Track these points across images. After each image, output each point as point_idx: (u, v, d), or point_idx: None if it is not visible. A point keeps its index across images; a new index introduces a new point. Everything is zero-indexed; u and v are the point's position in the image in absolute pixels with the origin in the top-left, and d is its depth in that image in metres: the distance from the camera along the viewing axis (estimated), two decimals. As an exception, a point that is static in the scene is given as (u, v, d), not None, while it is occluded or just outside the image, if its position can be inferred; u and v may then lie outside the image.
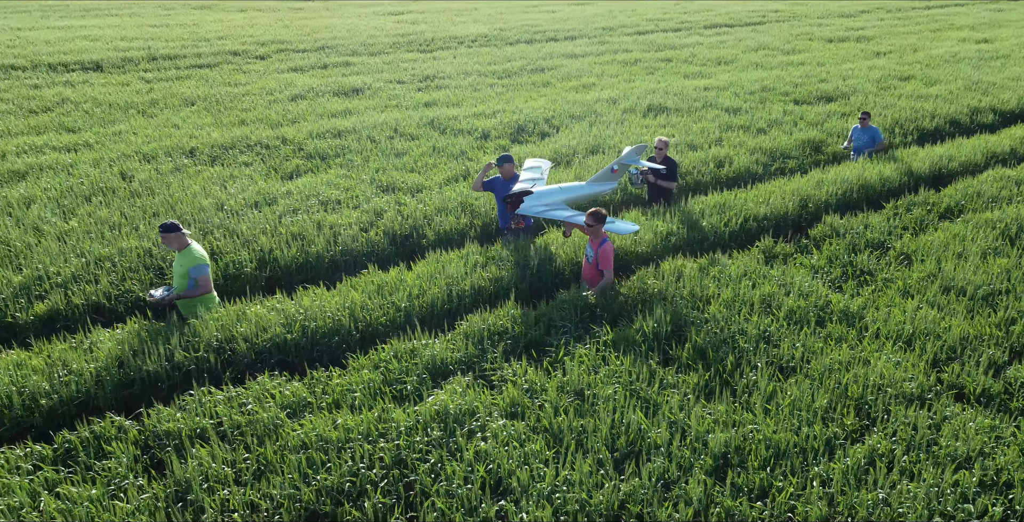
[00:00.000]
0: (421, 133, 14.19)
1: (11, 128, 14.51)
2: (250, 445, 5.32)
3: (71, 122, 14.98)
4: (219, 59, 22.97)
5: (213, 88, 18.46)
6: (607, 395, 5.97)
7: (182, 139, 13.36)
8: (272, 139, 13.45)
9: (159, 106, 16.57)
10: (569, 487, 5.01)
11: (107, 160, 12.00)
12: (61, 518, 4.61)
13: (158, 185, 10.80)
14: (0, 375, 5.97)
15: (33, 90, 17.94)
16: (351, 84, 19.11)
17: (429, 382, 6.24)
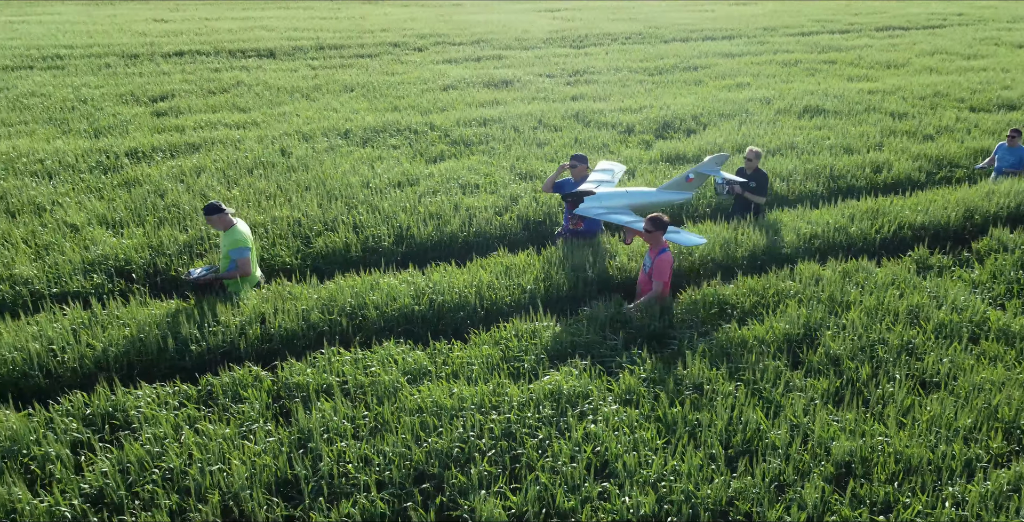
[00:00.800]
0: (565, 125, 14.24)
1: (192, 106, 15.82)
2: (369, 404, 5.54)
3: (243, 102, 16.15)
4: (380, 50, 24.02)
5: (371, 76, 19.33)
6: (727, 391, 5.78)
7: (339, 121, 14.09)
8: (421, 125, 13.91)
9: (321, 91, 17.54)
10: (676, 477, 4.89)
11: (270, 137, 12.84)
12: (197, 450, 4.99)
13: (312, 162, 11.44)
14: (160, 321, 6.53)
15: (213, 73, 19.46)
16: (501, 76, 19.45)
17: (547, 363, 6.28)
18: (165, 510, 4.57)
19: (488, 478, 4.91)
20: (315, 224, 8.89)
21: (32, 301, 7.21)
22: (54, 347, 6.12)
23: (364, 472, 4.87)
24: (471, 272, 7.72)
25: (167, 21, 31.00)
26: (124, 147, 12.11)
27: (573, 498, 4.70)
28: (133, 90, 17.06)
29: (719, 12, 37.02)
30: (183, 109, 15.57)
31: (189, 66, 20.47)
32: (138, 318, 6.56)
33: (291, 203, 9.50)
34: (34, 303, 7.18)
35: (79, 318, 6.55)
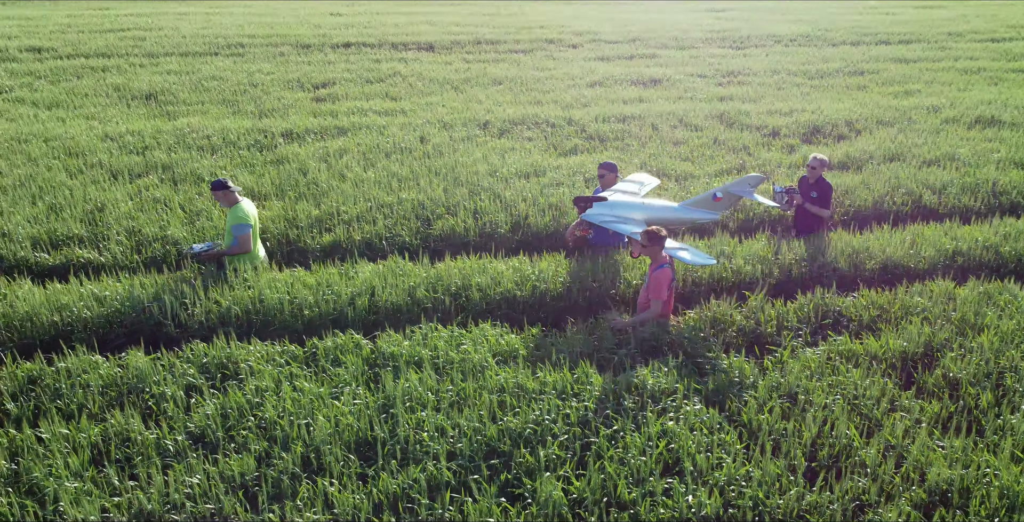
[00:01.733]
0: (706, 125, 13.90)
1: (349, 93, 16.75)
2: (455, 379, 5.71)
3: (395, 92, 16.91)
4: (534, 46, 24.34)
5: (521, 71, 19.65)
6: (822, 403, 5.49)
7: (480, 112, 14.46)
8: (559, 119, 14.03)
9: (470, 83, 18.04)
10: (748, 483, 4.72)
11: (413, 125, 13.39)
12: (291, 404, 5.35)
13: (447, 149, 11.84)
14: (280, 287, 7.03)
15: (374, 64, 20.48)
16: (651, 75, 19.22)
17: (639, 357, 6.22)
18: (254, 454, 4.94)
19: (556, 461, 4.95)
20: (438, 207, 9.21)
21: (174, 260, 7.96)
22: (186, 301, 6.73)
23: (437, 442, 5.04)
24: (572, 263, 7.74)
25: (342, 15, 32.87)
26: (281, 128, 13.04)
27: (635, 490, 4.65)
28: (299, 77, 18.27)
29: (904, 15, 34.62)
30: (340, 96, 16.51)
31: (353, 57, 21.64)
32: (261, 281, 7.08)
33: (419, 186, 9.89)
34: (176, 262, 7.92)
35: (212, 277, 7.15)
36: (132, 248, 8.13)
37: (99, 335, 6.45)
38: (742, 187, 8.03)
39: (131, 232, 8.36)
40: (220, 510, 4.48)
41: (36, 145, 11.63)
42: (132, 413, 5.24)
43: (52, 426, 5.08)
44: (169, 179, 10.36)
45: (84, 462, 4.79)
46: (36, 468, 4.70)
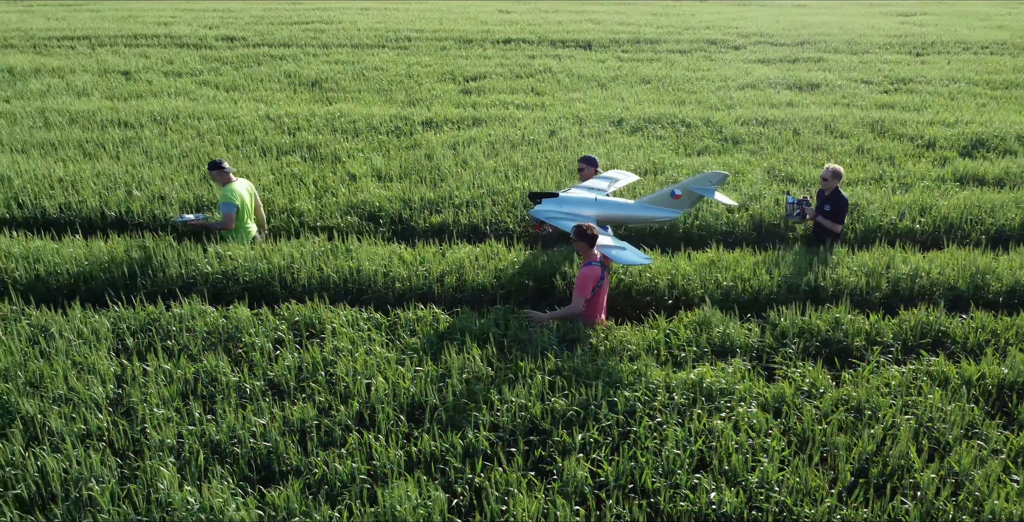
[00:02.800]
0: (854, 132, 13.19)
1: (496, 87, 17.29)
2: (515, 358, 5.91)
3: (541, 87, 17.26)
4: (694, 46, 23.92)
5: (674, 71, 19.41)
6: (888, 421, 5.21)
7: (618, 110, 14.50)
8: (696, 119, 13.81)
9: (618, 81, 18.07)
10: (779, 488, 4.59)
11: (547, 119, 13.67)
12: (361, 365, 5.77)
13: (573, 144, 12.01)
14: (379, 260, 7.52)
15: (528, 59, 20.95)
16: (810, 79, 18.40)
17: (710, 355, 6.16)
18: (317, 405, 5.39)
19: (592, 445, 5.04)
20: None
21: (295, 229, 8.68)
22: (294, 266, 7.36)
23: (483, 413, 5.27)
24: (671, 261, 7.69)
25: (509, 12, 33.75)
26: (423, 117, 13.72)
27: (661, 481, 4.66)
28: (454, 70, 19.05)
29: None
30: (487, 89, 17.08)
31: (510, 52, 22.24)
32: (366, 253, 7.60)
33: (533, 176, 10.14)
34: (296, 231, 8.63)
35: (321, 247, 7.77)
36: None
37: (215, 289, 7.20)
38: (703, 184, 7.65)
39: (265, 202, 9.18)
40: (275, 449, 4.95)
41: (207, 122, 12.95)
42: (223, 357, 5.86)
43: (157, 361, 5.78)
44: (310, 158, 11.23)
45: (174, 394, 5.42)
46: (135, 394, 5.38)
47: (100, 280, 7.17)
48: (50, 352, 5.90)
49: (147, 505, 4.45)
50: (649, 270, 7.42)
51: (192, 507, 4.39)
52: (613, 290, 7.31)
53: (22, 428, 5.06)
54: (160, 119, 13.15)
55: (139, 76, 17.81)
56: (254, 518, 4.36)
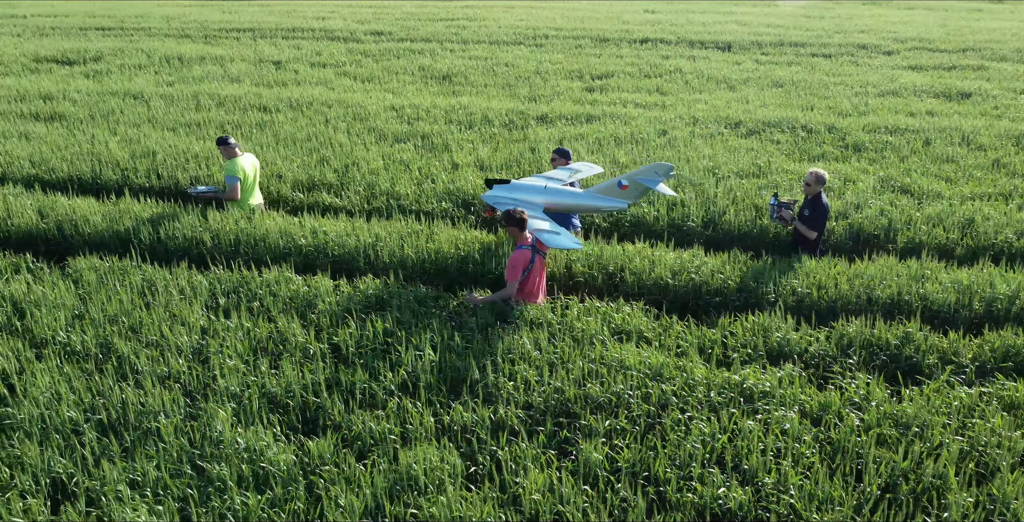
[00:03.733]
0: (995, 144, 12.27)
1: (621, 86, 17.32)
2: (569, 346, 6.07)
3: (667, 87, 17.11)
4: (842, 50, 22.84)
5: (812, 75, 18.68)
6: (937, 442, 4.98)
7: (738, 112, 14.19)
8: (821, 125, 13.29)
9: (748, 84, 17.62)
10: (797, 493, 4.52)
11: (662, 119, 13.59)
12: (416, 338, 6.12)
13: (682, 144, 11.90)
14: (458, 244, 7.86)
15: (661, 60, 20.78)
16: (962, 87, 17.18)
17: (764, 360, 6.07)
18: (368, 370, 5.79)
19: (616, 432, 5.14)
20: (637, 195, 9.45)
21: (388, 211, 9.18)
22: (379, 244, 7.84)
23: (518, 391, 5.48)
24: (741, 261, 7.56)
25: (655, 12, 33.46)
26: (539, 112, 14.01)
27: (672, 472, 4.70)
28: (582, 68, 19.22)
29: None
30: (612, 87, 17.14)
31: (644, 52, 22.13)
32: (447, 236, 7.97)
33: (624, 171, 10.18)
34: (388, 212, 9.14)
35: (407, 228, 8.21)
36: (365, 198, 9.52)
37: (307, 260, 7.79)
38: (649, 176, 7.62)
39: (369, 185, 9.77)
40: (323, 405, 5.38)
41: (336, 109, 13.84)
42: (296, 321, 6.38)
43: (239, 319, 6.39)
44: (422, 146, 11.78)
45: (247, 349, 5.99)
46: (214, 345, 5.99)
47: (208, 246, 7.93)
48: (153, 303, 6.64)
49: (201, 441, 4.99)
50: (721, 272, 7.34)
51: (238, 446, 4.88)
52: (682, 287, 7.29)
53: (116, 365, 5.77)
54: (295, 105, 14.17)
55: (288, 66, 19.17)
56: (288, 461, 4.78)
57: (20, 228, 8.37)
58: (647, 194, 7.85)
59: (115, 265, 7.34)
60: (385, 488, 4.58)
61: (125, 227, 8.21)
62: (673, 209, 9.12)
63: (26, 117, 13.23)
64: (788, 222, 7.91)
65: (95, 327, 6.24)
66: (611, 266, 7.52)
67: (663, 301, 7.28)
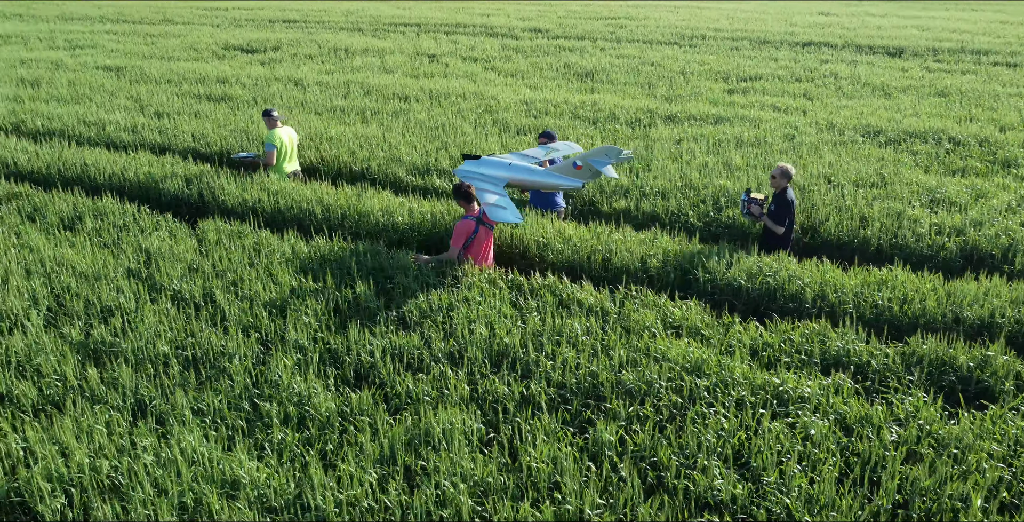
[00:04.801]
0: None
1: (766, 88, 16.85)
2: (618, 334, 6.23)
3: (815, 92, 16.46)
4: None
5: (985, 85, 17.31)
6: (972, 465, 4.73)
7: (881, 121, 13.47)
8: (971, 138, 12.38)
9: (907, 92, 16.59)
10: (795, 493, 4.48)
11: (795, 124, 13.16)
12: (475, 313, 6.50)
13: (807, 150, 11.51)
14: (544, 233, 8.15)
15: (818, 64, 19.95)
16: None
17: (816, 368, 5.94)
18: (424, 337, 6.23)
19: (639, 418, 5.26)
20: (737, 197, 9.32)
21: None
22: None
23: (555, 371, 5.72)
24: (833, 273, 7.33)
25: (829, 14, 31.93)
26: (669, 111, 13.98)
27: (675, 460, 4.78)
28: (730, 70, 18.84)
29: None
30: (755, 90, 16.71)
31: (803, 56, 21.30)
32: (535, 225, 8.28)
33: (735, 176, 10.03)
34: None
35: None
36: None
37: (402, 236, 8.38)
38: (599, 157, 7.91)
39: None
40: (375, 364, 5.88)
41: (471, 101, 14.49)
42: (372, 287, 6.95)
43: (323, 282, 7.03)
44: (541, 139, 12.13)
45: (323, 309, 6.61)
46: (296, 304, 6.66)
47: (318, 218, 8.71)
48: (256, 263, 7.44)
49: (263, 383, 5.62)
50: (800, 279, 7.18)
51: (291, 391, 5.47)
52: (759, 292, 7.20)
53: (210, 312, 6.57)
54: (434, 96, 14.97)
55: (441, 59, 20.16)
56: (330, 409, 5.31)
57: (169, 192, 9.55)
58: (599, 176, 8.13)
59: (236, 228, 8.25)
60: (404, 440, 4.99)
61: (252, 196, 9.16)
62: None
63: (201, 97, 14.88)
64: (757, 217, 7.97)
65: (204, 279, 7.11)
66: (687, 264, 7.54)
67: (735, 302, 7.23)
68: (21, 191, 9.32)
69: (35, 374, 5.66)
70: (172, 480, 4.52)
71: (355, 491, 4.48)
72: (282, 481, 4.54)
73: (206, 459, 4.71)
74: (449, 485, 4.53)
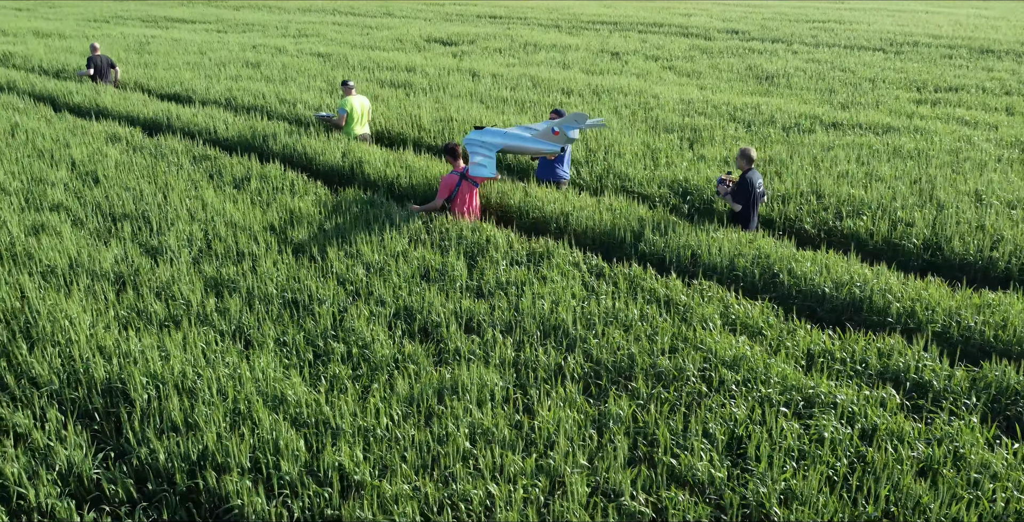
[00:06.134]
0: None
1: (963, 100, 15.56)
2: (672, 323, 6.43)
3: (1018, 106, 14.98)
4: None
5: None
6: (990, 494, 4.51)
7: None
8: None
9: None
10: (772, 485, 4.53)
11: (969, 137, 12.18)
12: (544, 289, 6.94)
13: (971, 165, 10.66)
14: (641, 222, 8.38)
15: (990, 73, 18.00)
16: None
17: (864, 379, 5.80)
18: (491, 306, 6.77)
19: (656, 398, 5.48)
20: (864, 207, 8.94)
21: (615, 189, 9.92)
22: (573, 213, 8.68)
23: (598, 348, 6.05)
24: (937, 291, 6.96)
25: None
26: (835, 118, 13.41)
27: (672, 438, 4.97)
28: (928, 79, 17.52)
29: None
30: (949, 102, 15.52)
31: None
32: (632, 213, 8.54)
33: (873, 187, 9.58)
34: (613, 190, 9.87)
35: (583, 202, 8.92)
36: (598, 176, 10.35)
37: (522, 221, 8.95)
38: (569, 123, 8.86)
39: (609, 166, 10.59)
40: (439, 324, 6.51)
41: (630, 98, 14.74)
42: (463, 261, 7.59)
43: (423, 250, 7.78)
44: (686, 138, 12.18)
45: (413, 271, 7.35)
46: (391, 265, 7.45)
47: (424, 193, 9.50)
48: (372, 228, 8.34)
49: (338, 326, 6.44)
50: (889, 292, 6.90)
51: (358, 336, 6.24)
52: (844, 302, 7.01)
53: (320, 266, 7.53)
54: (597, 91, 15.38)
55: (624, 57, 20.47)
56: (385, 354, 6.01)
57: (327, 164, 10.80)
58: (572, 141, 9.08)
59: (368, 197, 9.24)
60: (436, 388, 5.58)
61: (393, 171, 10.16)
62: (895, 228, 8.50)
63: (384, 83, 16.35)
64: (723, 196, 8.58)
65: (326, 239, 8.11)
66: (776, 265, 7.47)
67: (818, 309, 7.10)
68: (212, 154, 10.97)
69: (169, 297, 6.88)
70: (236, 390, 5.43)
71: (374, 421, 5.13)
72: (320, 404, 5.30)
73: (269, 378, 5.59)
74: (454, 428, 5.06)
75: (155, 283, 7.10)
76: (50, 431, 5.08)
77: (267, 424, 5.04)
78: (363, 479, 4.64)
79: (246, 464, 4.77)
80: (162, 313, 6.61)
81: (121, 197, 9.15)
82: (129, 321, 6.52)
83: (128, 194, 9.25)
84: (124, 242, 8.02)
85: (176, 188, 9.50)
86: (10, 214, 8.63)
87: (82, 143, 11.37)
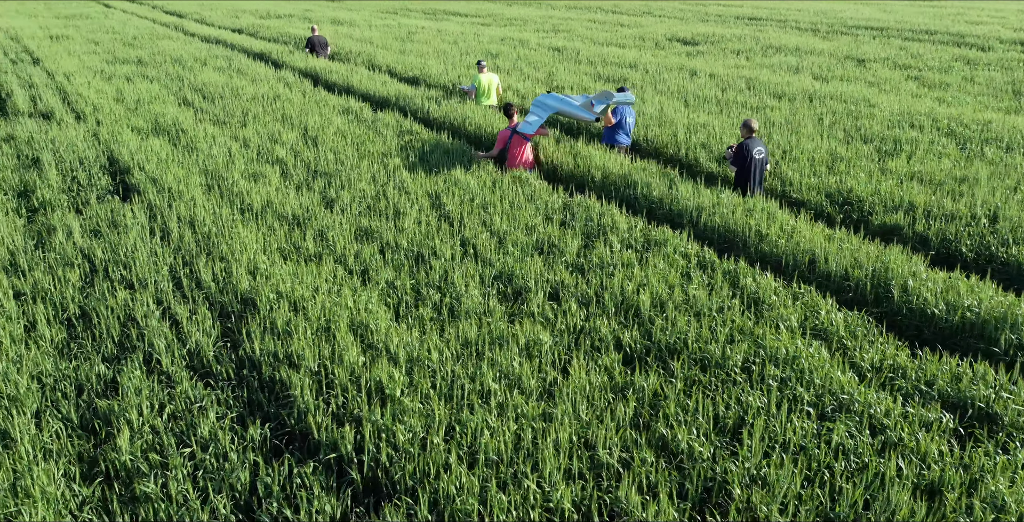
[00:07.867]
0: None
1: None
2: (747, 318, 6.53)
3: None
4: None
5: None
6: (979, 516, 4.30)
7: None
8: None
9: None
10: (742, 468, 4.67)
11: None
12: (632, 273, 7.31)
13: None
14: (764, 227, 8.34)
15: None
16: None
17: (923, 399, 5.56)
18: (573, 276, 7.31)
19: (692, 380, 5.72)
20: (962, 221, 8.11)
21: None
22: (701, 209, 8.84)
23: (657, 328, 6.37)
24: None
25: None
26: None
27: (677, 413, 5.24)
28: None
29: None
30: None
31: None
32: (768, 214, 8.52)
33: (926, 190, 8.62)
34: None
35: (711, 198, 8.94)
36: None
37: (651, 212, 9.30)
38: (601, 96, 10.45)
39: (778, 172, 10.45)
40: (529, 289, 7.18)
41: (844, 105, 14.05)
42: (580, 239, 8.16)
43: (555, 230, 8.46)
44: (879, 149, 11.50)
45: (530, 243, 8.06)
46: (509, 238, 8.22)
47: (597, 183, 10.05)
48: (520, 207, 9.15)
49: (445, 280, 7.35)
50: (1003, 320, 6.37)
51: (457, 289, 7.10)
52: (947, 323, 6.60)
53: (450, 228, 8.51)
54: (812, 97, 14.81)
55: (869, 64, 19.25)
56: (470, 305, 6.81)
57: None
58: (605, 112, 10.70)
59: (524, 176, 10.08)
60: (493, 338, 6.28)
61: (559, 159, 10.89)
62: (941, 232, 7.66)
63: (599, 78, 17.02)
64: (728, 160, 9.66)
65: (470, 208, 9.07)
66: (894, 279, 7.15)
67: (924, 329, 6.74)
68: (416, 129, 12.46)
69: (323, 239, 8.25)
70: (336, 313, 6.56)
71: (426, 354, 5.97)
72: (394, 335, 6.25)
73: (363, 308, 6.65)
74: (487, 369, 5.74)
75: (318, 226, 8.53)
76: (197, 321, 6.57)
77: (342, 342, 6.09)
78: (392, 394, 5.50)
79: (314, 368, 5.85)
80: (312, 250, 7.98)
81: (326, 158, 10.87)
82: (287, 252, 7.97)
83: (333, 156, 10.95)
84: (313, 193, 9.62)
85: (370, 154, 11.04)
86: (242, 163, 10.67)
87: (319, 113, 13.47)
